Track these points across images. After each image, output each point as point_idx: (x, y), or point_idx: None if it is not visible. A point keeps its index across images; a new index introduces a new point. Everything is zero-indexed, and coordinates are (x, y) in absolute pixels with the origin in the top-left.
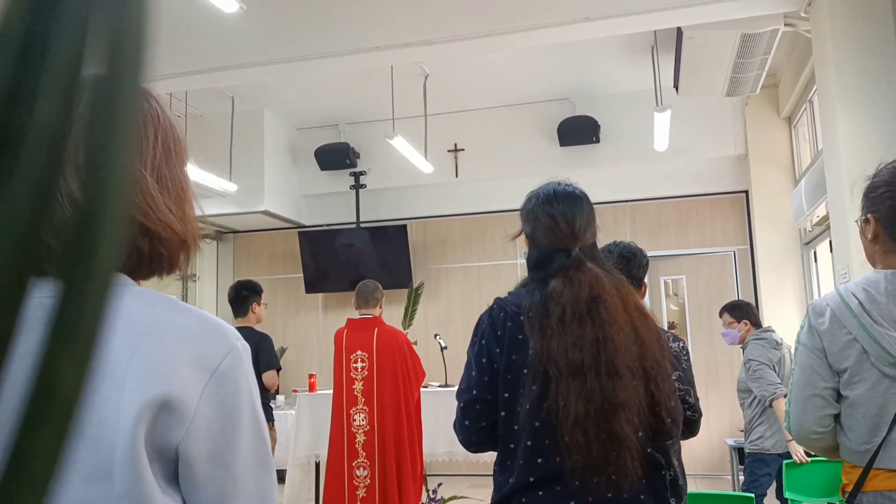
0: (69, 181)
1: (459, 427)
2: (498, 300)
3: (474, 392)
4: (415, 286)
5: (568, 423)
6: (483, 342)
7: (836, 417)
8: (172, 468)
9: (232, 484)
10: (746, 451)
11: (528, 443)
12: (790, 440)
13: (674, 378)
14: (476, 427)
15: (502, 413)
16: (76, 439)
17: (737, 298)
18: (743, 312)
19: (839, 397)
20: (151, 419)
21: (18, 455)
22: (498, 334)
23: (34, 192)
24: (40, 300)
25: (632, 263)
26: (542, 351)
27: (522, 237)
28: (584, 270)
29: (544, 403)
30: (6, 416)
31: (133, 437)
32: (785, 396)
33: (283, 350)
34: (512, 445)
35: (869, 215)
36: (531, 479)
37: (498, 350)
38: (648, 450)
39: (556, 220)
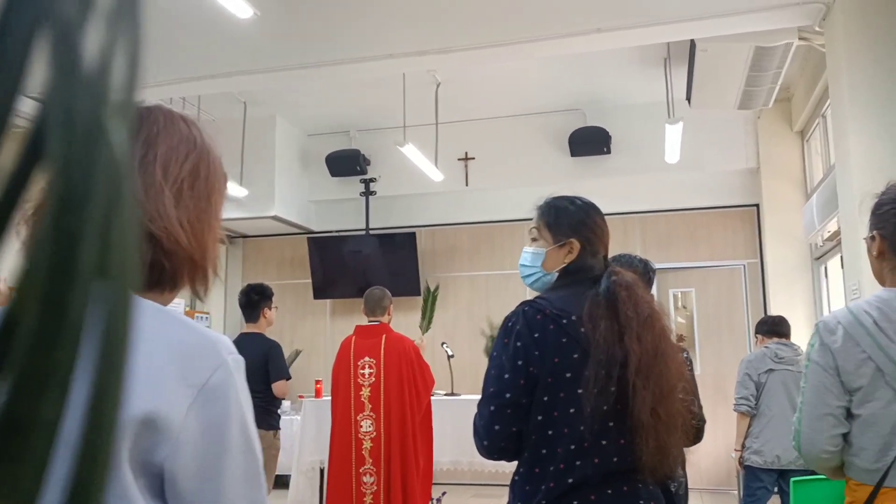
0: None
1: (487, 432)
2: (529, 303)
3: (508, 395)
4: (431, 289)
5: (640, 405)
6: (518, 344)
7: (845, 436)
8: (159, 483)
9: (221, 500)
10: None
11: (572, 447)
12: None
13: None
14: (507, 432)
15: (539, 417)
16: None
17: (765, 314)
18: (758, 326)
19: (849, 416)
20: (134, 436)
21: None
22: (536, 336)
23: None
24: None
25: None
26: (605, 346)
27: (552, 242)
28: (627, 274)
29: (588, 407)
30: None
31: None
32: (744, 414)
33: (297, 353)
34: (545, 451)
35: (875, 233)
36: (570, 481)
37: (537, 353)
38: None
39: (604, 228)
